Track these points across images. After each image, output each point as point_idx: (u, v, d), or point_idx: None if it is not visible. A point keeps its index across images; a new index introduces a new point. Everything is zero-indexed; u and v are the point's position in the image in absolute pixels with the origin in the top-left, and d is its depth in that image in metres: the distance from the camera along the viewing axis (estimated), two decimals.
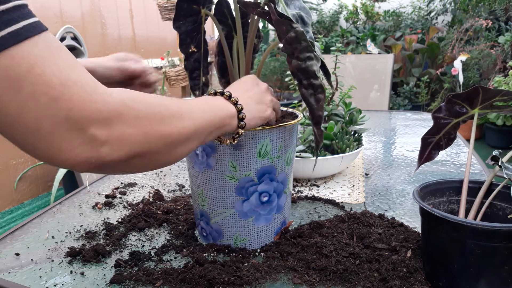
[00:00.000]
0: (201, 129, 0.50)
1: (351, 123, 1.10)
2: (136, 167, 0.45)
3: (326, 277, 0.61)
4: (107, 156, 0.40)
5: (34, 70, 0.36)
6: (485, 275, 0.53)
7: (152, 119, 0.44)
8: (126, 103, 0.41)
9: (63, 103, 0.37)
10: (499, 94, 0.58)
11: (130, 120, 0.41)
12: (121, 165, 0.42)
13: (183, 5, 0.68)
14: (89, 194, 1.00)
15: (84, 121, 0.38)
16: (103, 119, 0.39)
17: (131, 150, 0.42)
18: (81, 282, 0.63)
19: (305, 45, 0.57)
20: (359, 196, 0.93)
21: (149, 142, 0.43)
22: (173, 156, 0.48)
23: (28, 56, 0.36)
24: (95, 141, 0.39)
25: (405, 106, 4.24)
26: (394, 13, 4.78)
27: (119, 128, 0.40)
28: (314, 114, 0.61)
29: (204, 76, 0.76)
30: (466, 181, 0.61)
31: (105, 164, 0.40)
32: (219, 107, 0.55)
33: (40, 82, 0.36)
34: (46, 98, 0.36)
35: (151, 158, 0.45)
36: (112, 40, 3.47)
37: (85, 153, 0.38)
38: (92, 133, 0.38)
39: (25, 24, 0.36)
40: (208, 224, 0.71)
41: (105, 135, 0.39)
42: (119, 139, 0.40)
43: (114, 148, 0.40)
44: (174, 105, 0.47)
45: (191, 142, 0.49)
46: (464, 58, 3.55)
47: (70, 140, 0.38)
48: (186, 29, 0.70)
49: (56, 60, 0.37)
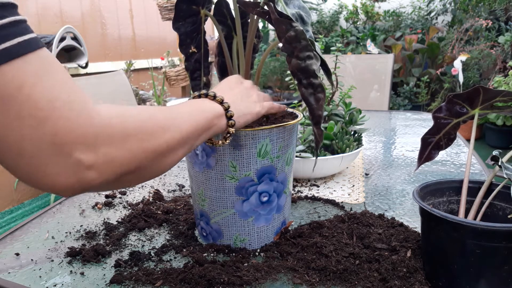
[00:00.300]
0: (188, 135, 0.49)
1: (351, 123, 1.10)
2: (125, 184, 0.44)
3: (326, 277, 0.61)
4: (94, 180, 0.39)
5: (23, 89, 0.34)
6: (485, 275, 0.53)
7: (140, 135, 0.42)
8: (114, 122, 0.40)
9: (49, 127, 0.35)
10: (500, 94, 0.58)
11: (117, 140, 0.40)
12: (109, 185, 0.41)
13: (182, 6, 0.68)
14: (89, 194, 1.00)
15: (69, 146, 0.36)
16: (89, 143, 0.38)
17: (119, 171, 0.41)
18: (81, 282, 0.63)
19: (304, 44, 0.57)
20: (359, 196, 0.93)
21: (138, 160, 0.42)
22: (162, 167, 0.47)
23: (19, 75, 0.34)
24: (81, 166, 0.37)
25: (405, 106, 4.24)
26: (394, 13, 4.78)
27: (105, 150, 0.39)
28: (314, 113, 0.61)
29: (205, 76, 0.76)
30: (466, 181, 0.61)
31: (92, 187, 0.39)
32: (204, 108, 0.54)
33: (27, 102, 0.34)
34: (32, 121, 0.35)
35: (140, 174, 0.44)
36: (112, 40, 3.47)
37: (70, 178, 0.37)
38: (77, 158, 0.37)
39: (20, 40, 0.35)
40: (208, 224, 0.71)
41: (92, 160, 0.38)
42: (106, 162, 0.39)
43: (101, 171, 0.39)
44: (162, 116, 0.47)
45: (180, 151, 0.49)
46: (464, 58, 3.55)
47: (54, 165, 0.36)
48: (186, 30, 0.70)
49: (47, 79, 0.36)
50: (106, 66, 3.30)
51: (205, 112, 0.54)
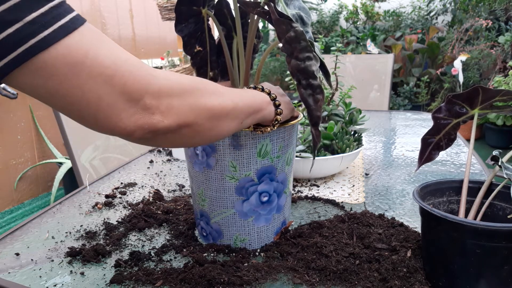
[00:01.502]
0: (239, 108, 0.55)
1: (351, 123, 1.10)
2: (184, 138, 0.49)
3: (326, 277, 0.61)
4: (159, 123, 0.45)
5: (89, 54, 0.41)
6: (485, 275, 0.53)
7: (196, 93, 0.49)
8: (171, 79, 0.47)
9: (118, 79, 0.42)
10: (499, 94, 0.58)
11: (175, 93, 0.46)
12: (171, 134, 0.47)
13: (182, 8, 0.68)
14: (89, 194, 1.00)
15: (137, 93, 0.43)
16: (153, 92, 0.44)
17: (179, 119, 0.47)
18: (81, 282, 0.63)
19: (304, 44, 0.57)
20: (359, 196, 0.93)
21: (194, 112, 0.48)
22: (216, 130, 0.52)
23: (82, 44, 0.40)
24: (147, 110, 0.44)
25: (405, 106, 4.24)
26: (394, 13, 4.78)
27: (167, 99, 0.45)
28: (312, 114, 0.61)
29: (212, 71, 0.75)
30: (466, 181, 0.61)
31: (158, 130, 0.45)
32: (255, 93, 0.60)
33: (96, 64, 0.41)
34: (102, 78, 0.41)
35: (196, 129, 0.49)
36: (112, 40, 3.47)
37: (140, 120, 0.44)
38: (144, 103, 0.44)
39: (71, 17, 0.41)
40: (208, 224, 0.71)
41: (156, 105, 0.45)
42: (167, 108, 0.45)
43: (164, 116, 0.45)
44: (213, 85, 0.53)
45: (231, 120, 0.54)
46: (464, 58, 3.55)
47: (127, 109, 0.43)
48: (189, 31, 0.71)
49: (104, 44, 0.42)
50: None
51: (255, 96, 0.59)
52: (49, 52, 0.39)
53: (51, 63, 0.39)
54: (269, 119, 0.62)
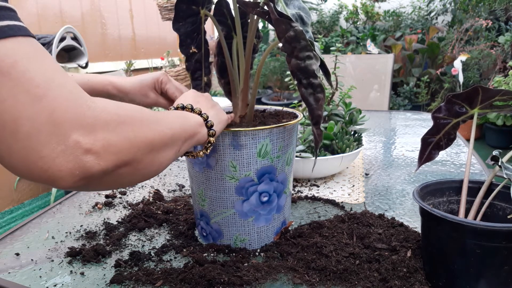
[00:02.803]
0: (177, 134, 0.50)
1: (351, 123, 1.10)
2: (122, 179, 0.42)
3: (326, 277, 0.61)
4: (93, 167, 0.37)
5: (17, 66, 0.34)
6: (485, 275, 0.53)
7: (134, 124, 0.42)
8: (108, 110, 0.39)
9: (46, 104, 0.34)
10: (499, 94, 0.58)
11: (113, 127, 0.39)
12: (107, 177, 0.39)
13: (182, 6, 0.68)
14: (89, 194, 1.00)
15: (67, 125, 0.35)
16: (87, 125, 0.36)
17: (117, 158, 0.39)
18: (81, 282, 0.63)
19: (304, 44, 0.57)
20: (359, 196, 0.93)
21: (134, 148, 0.41)
22: (156, 164, 0.46)
23: (12, 53, 0.34)
24: (78, 149, 0.35)
25: (405, 106, 4.24)
26: (394, 13, 4.78)
27: (103, 135, 0.37)
28: (313, 113, 0.61)
29: (206, 76, 0.76)
30: (466, 181, 0.61)
31: (92, 176, 0.37)
32: (188, 117, 0.55)
33: (23, 79, 0.34)
34: (27, 97, 0.34)
35: (136, 167, 0.43)
36: (112, 40, 3.47)
37: (68, 162, 0.35)
38: (75, 139, 0.35)
39: (10, 23, 0.34)
40: (208, 224, 0.71)
41: (89, 142, 0.36)
42: (104, 147, 0.37)
43: (100, 156, 0.37)
44: (151, 113, 0.47)
45: (170, 149, 0.48)
46: (464, 58, 3.55)
47: (51, 145, 0.34)
48: (186, 30, 0.70)
49: (41, 61, 0.36)
50: (106, 66, 3.30)
51: (189, 119, 0.55)
52: None
53: None
54: (203, 142, 0.58)
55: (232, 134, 0.64)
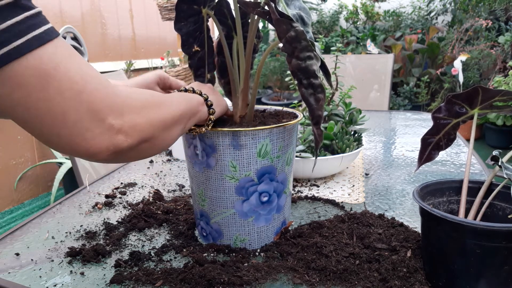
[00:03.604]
0: (183, 113, 0.56)
1: (351, 123, 1.10)
2: (141, 153, 0.50)
3: (326, 277, 0.61)
4: (123, 143, 0.45)
5: (59, 68, 0.40)
6: (485, 275, 0.53)
7: (152, 107, 0.50)
8: (131, 96, 0.47)
9: (85, 96, 0.41)
10: (499, 94, 0.58)
11: (137, 110, 0.47)
12: (132, 151, 0.47)
13: (183, 6, 0.68)
14: (89, 194, 1.00)
15: (103, 112, 0.42)
16: (117, 110, 0.44)
17: (141, 136, 0.47)
18: (81, 282, 0.63)
19: (305, 44, 0.57)
20: (359, 196, 0.93)
21: (153, 127, 0.49)
22: (168, 140, 0.53)
23: (53, 56, 0.40)
24: (112, 130, 0.43)
25: (405, 106, 4.24)
26: (394, 13, 4.78)
27: (130, 117, 0.45)
28: (314, 113, 0.61)
29: (209, 72, 0.75)
30: (466, 181, 0.61)
31: (121, 150, 0.45)
32: (190, 96, 0.61)
33: (65, 78, 0.40)
34: (71, 93, 0.40)
35: (153, 143, 0.50)
36: (112, 40, 3.47)
37: (105, 141, 0.43)
38: (109, 123, 0.43)
39: (46, 28, 0.40)
40: (208, 224, 0.71)
41: (120, 124, 0.44)
42: (131, 127, 0.45)
43: (128, 135, 0.45)
44: (162, 96, 0.54)
45: (178, 127, 0.55)
46: (464, 58, 3.55)
47: (92, 129, 0.42)
48: (188, 30, 0.70)
49: (74, 59, 0.42)
50: (106, 66, 3.30)
51: (191, 99, 0.60)
52: (20, 61, 0.37)
53: (21, 73, 0.38)
54: (204, 120, 0.63)
55: (232, 134, 0.64)
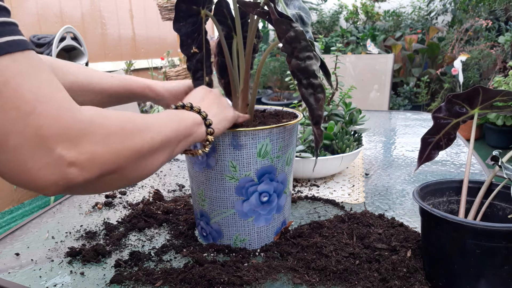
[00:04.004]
0: (168, 139, 0.50)
1: (351, 123, 1.10)
2: (107, 185, 0.44)
3: (326, 277, 0.61)
4: (76, 178, 0.39)
5: (9, 84, 0.35)
6: (485, 275, 0.53)
7: (121, 135, 0.43)
8: (96, 121, 0.41)
9: (34, 119, 0.36)
10: (499, 94, 0.58)
11: (99, 138, 0.40)
12: (91, 185, 0.41)
13: (182, 6, 0.68)
14: (89, 194, 1.00)
15: (52, 140, 0.37)
16: (72, 138, 0.38)
17: (102, 169, 0.41)
18: (81, 282, 0.63)
19: (304, 44, 0.57)
20: (359, 196, 0.93)
21: (119, 158, 0.42)
22: (145, 170, 0.47)
23: (6, 71, 0.35)
24: (62, 162, 0.37)
25: (405, 106, 4.24)
26: (394, 13, 4.78)
27: (88, 147, 0.39)
28: (314, 113, 0.61)
29: (207, 76, 0.76)
30: (466, 181, 0.61)
31: (74, 185, 0.39)
32: (183, 116, 0.55)
33: (14, 96, 0.35)
34: (17, 113, 0.36)
35: (122, 174, 0.44)
36: (112, 40, 3.47)
37: (52, 175, 0.37)
38: (59, 153, 0.37)
39: (9, 39, 0.36)
40: (208, 224, 0.71)
41: (73, 156, 0.38)
42: (88, 160, 0.39)
43: (83, 169, 0.39)
44: (140, 119, 0.47)
45: (160, 154, 0.49)
46: (464, 58, 3.55)
47: (36, 159, 0.36)
48: (187, 31, 0.70)
49: (34, 77, 0.37)
50: (106, 66, 3.30)
51: (184, 120, 0.55)
52: None
53: None
54: (201, 140, 0.59)
55: (232, 134, 0.64)
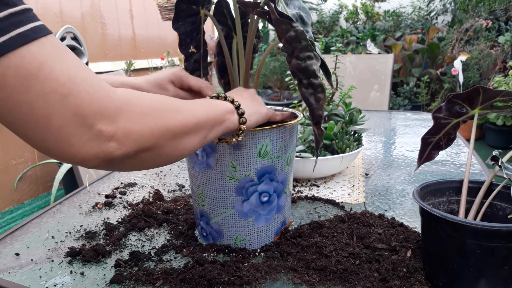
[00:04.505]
0: (202, 122, 0.52)
1: (351, 123, 1.10)
2: (144, 162, 0.46)
3: (326, 277, 0.61)
4: (115, 151, 0.41)
5: (43, 68, 0.37)
6: (485, 275, 0.53)
7: (155, 114, 0.45)
8: (130, 100, 0.43)
9: (71, 100, 0.38)
10: (500, 94, 0.58)
11: (134, 116, 0.43)
12: (130, 160, 0.44)
13: (182, 6, 0.68)
14: (89, 194, 1.00)
15: (91, 118, 0.39)
16: (109, 116, 0.40)
17: (138, 145, 0.43)
18: (81, 282, 0.63)
19: (304, 44, 0.57)
20: (359, 196, 0.93)
21: (154, 136, 0.45)
22: (178, 150, 0.49)
23: (38, 56, 0.37)
24: (102, 137, 0.40)
25: (405, 106, 4.24)
26: (394, 13, 4.78)
27: (124, 124, 0.41)
28: (314, 113, 0.61)
29: (204, 76, 0.76)
30: (466, 181, 0.61)
31: (114, 159, 0.42)
32: (217, 104, 0.57)
33: (49, 80, 0.37)
34: (55, 96, 0.37)
35: (158, 152, 0.46)
36: (112, 40, 3.47)
37: (93, 148, 0.40)
38: (99, 129, 0.39)
39: (32, 26, 0.37)
40: (208, 224, 0.71)
41: (112, 131, 0.40)
42: (125, 134, 0.41)
43: (122, 143, 0.41)
44: (174, 101, 0.50)
45: (194, 136, 0.51)
46: (464, 58, 3.55)
47: (78, 135, 0.39)
48: (186, 30, 0.70)
49: (63, 60, 0.39)
50: (106, 66, 3.30)
51: (217, 106, 0.56)
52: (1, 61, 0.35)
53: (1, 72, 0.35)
54: (233, 129, 0.59)
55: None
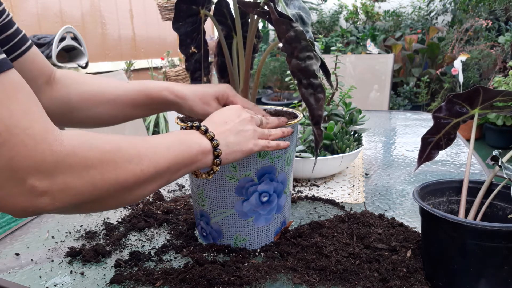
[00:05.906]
0: (164, 169, 0.48)
1: (351, 123, 1.10)
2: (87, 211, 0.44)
3: (326, 277, 0.61)
4: (47, 206, 0.39)
5: None
6: (485, 275, 0.53)
7: (103, 167, 0.42)
8: (76, 153, 0.40)
9: (5, 151, 0.36)
10: (500, 94, 0.58)
11: (77, 170, 0.39)
12: (67, 210, 0.42)
13: (182, 6, 0.68)
14: None
15: (23, 172, 0.37)
16: (45, 170, 0.38)
17: (76, 199, 0.40)
18: (81, 282, 0.63)
19: (304, 44, 0.57)
20: (359, 196, 0.93)
21: (98, 190, 0.41)
22: (129, 199, 0.46)
23: None
24: (33, 192, 0.37)
25: (405, 106, 4.24)
26: (394, 13, 4.78)
27: (62, 179, 0.39)
28: (314, 113, 0.61)
29: (205, 76, 0.76)
30: (466, 181, 0.61)
31: (45, 212, 0.39)
32: (190, 143, 0.53)
33: None
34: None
35: (102, 203, 0.43)
36: (112, 40, 3.47)
37: (23, 202, 0.37)
38: (31, 184, 0.37)
39: None
40: (208, 224, 0.71)
41: (46, 186, 0.38)
42: (61, 190, 0.39)
43: (55, 199, 0.39)
44: (133, 148, 0.45)
45: (152, 184, 0.47)
46: (464, 58, 3.55)
47: (8, 188, 0.37)
48: (186, 30, 0.70)
49: (9, 104, 0.36)
50: (106, 66, 3.30)
51: (190, 147, 0.52)
52: None
53: None
54: (206, 166, 0.55)
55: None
